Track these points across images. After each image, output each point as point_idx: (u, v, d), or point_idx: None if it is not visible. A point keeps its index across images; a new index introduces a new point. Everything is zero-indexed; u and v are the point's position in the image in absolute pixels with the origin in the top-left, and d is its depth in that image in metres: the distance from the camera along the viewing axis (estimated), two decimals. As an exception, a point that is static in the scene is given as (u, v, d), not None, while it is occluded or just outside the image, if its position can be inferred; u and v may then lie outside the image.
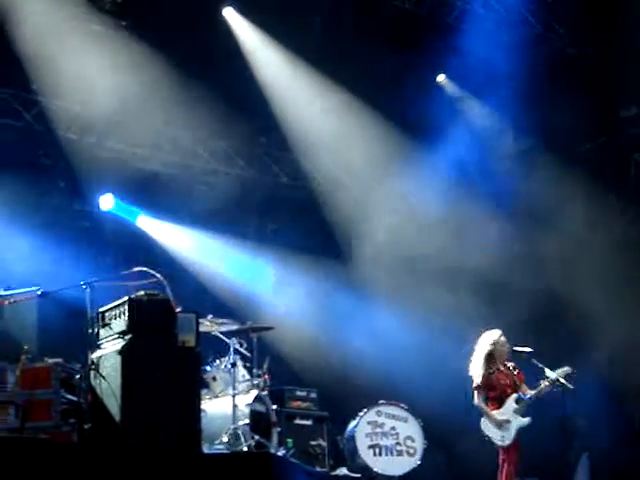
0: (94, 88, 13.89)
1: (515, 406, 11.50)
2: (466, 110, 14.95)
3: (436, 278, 14.69)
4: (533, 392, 11.53)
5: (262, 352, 12.25)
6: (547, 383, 11.47)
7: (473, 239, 14.75)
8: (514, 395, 11.54)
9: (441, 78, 15.55)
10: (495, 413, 11.50)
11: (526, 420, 11.49)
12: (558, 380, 11.42)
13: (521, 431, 11.45)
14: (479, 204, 14.87)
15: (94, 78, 13.77)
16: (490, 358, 11.60)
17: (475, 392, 11.64)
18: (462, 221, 14.79)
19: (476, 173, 15.09)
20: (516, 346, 11.69)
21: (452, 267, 14.53)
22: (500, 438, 11.43)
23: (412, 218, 14.96)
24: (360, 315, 14.78)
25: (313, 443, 13.03)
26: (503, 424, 11.45)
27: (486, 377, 11.58)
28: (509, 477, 11.32)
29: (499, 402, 11.60)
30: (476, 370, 11.64)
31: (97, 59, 13.66)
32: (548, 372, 11.54)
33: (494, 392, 11.64)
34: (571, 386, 11.42)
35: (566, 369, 11.53)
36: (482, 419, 11.55)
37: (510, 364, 11.67)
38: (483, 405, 11.60)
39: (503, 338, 11.67)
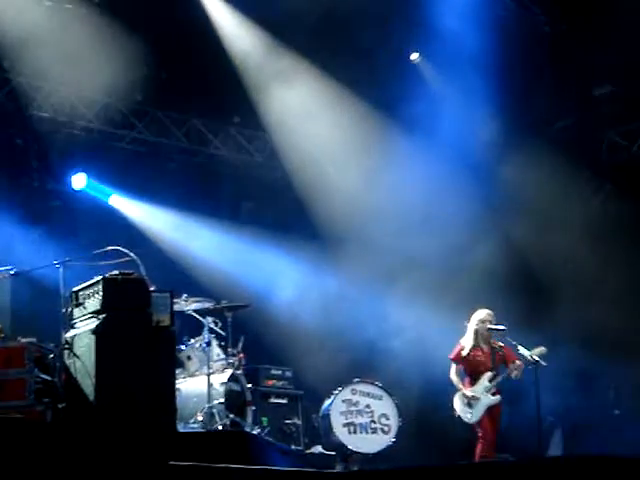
0: (66, 67, 13.79)
1: (487, 384, 11.57)
2: (439, 90, 14.82)
3: (413, 258, 14.65)
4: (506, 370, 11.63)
5: (237, 331, 12.25)
6: (521, 361, 11.57)
7: (446, 223, 14.66)
8: (488, 373, 11.61)
9: (415, 56, 15.44)
10: (466, 390, 11.58)
11: (496, 398, 11.56)
12: (532, 357, 11.50)
13: (493, 408, 11.55)
14: (454, 186, 14.79)
15: (67, 56, 13.67)
16: (475, 336, 11.70)
17: (452, 365, 11.74)
18: (435, 206, 14.70)
19: (450, 157, 14.99)
20: (492, 325, 11.76)
21: (424, 248, 14.47)
22: (467, 416, 11.54)
23: (386, 200, 14.90)
24: (334, 294, 14.76)
25: (288, 422, 13.07)
26: (471, 401, 11.53)
27: (461, 351, 11.67)
28: (480, 452, 11.44)
29: (474, 379, 11.67)
30: (458, 344, 11.74)
31: (69, 38, 13.55)
32: (522, 350, 11.60)
33: (468, 367, 11.73)
34: (545, 364, 11.50)
35: (541, 349, 11.61)
36: (455, 395, 11.64)
37: (499, 344, 11.72)
38: (456, 379, 11.70)
39: (487, 317, 11.73)
